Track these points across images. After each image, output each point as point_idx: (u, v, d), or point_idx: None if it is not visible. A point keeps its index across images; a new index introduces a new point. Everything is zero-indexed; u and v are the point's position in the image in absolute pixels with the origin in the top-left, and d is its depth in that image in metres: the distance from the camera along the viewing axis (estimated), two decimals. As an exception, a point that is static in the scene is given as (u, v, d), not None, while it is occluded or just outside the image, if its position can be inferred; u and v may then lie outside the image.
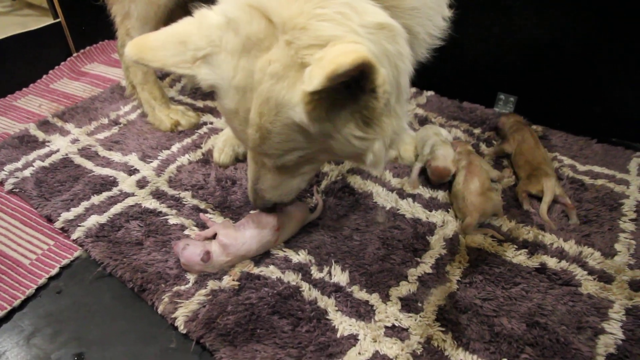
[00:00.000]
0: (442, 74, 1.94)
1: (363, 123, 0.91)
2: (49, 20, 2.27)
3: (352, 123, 0.90)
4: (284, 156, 0.99)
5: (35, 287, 1.23)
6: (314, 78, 0.76)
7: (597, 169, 1.56)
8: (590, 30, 1.59)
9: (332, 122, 0.89)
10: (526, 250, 1.26)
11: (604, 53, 1.61)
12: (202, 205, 1.42)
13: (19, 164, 1.62)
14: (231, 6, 0.90)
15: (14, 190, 1.53)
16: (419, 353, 1.03)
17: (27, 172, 1.58)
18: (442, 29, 1.18)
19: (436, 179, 1.44)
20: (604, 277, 1.19)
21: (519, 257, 1.24)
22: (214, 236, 1.24)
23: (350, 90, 0.84)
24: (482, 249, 1.27)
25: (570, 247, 1.26)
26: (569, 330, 1.07)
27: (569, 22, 1.63)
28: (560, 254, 1.25)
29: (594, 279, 1.18)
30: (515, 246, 1.27)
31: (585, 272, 1.20)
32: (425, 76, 1.94)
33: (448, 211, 1.38)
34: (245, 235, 1.22)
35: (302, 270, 1.21)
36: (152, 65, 0.96)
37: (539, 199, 1.40)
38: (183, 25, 0.96)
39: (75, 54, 2.34)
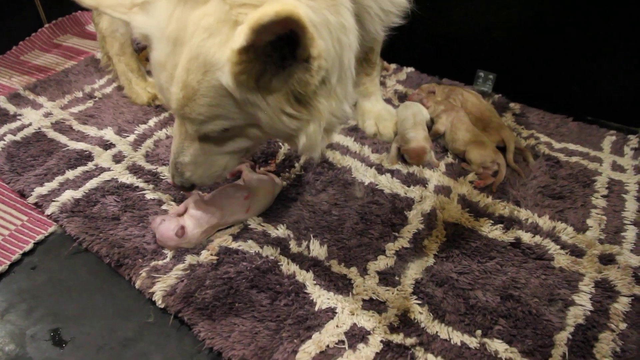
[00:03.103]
0: (423, 51, 1.94)
1: (295, 100, 0.86)
2: (18, -12, 2.18)
3: (282, 97, 0.85)
4: (208, 123, 0.91)
5: (8, 263, 1.21)
6: (241, 34, 0.72)
7: (572, 146, 1.58)
8: (569, 9, 1.60)
9: (261, 92, 0.83)
10: (502, 225, 1.28)
11: (582, 32, 1.62)
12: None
13: (-11, 138, 1.57)
14: None
15: (-16, 165, 1.48)
16: (395, 325, 1.05)
17: (-2, 147, 1.53)
18: (402, 6, 1.11)
19: (415, 160, 1.44)
20: (576, 252, 1.22)
21: (495, 232, 1.26)
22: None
23: (286, 61, 0.79)
24: (459, 224, 1.29)
25: (545, 222, 1.29)
26: (541, 302, 1.10)
27: (549, 0, 1.63)
28: (535, 229, 1.27)
29: (566, 253, 1.21)
30: (491, 221, 1.29)
31: (558, 247, 1.23)
32: (406, 52, 1.96)
33: (426, 186, 1.39)
34: (215, 205, 1.22)
35: (281, 244, 1.21)
36: (85, 2, 0.92)
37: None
38: None
39: (46, 25, 2.25)
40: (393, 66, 1.96)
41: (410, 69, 1.95)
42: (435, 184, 1.40)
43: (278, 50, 0.77)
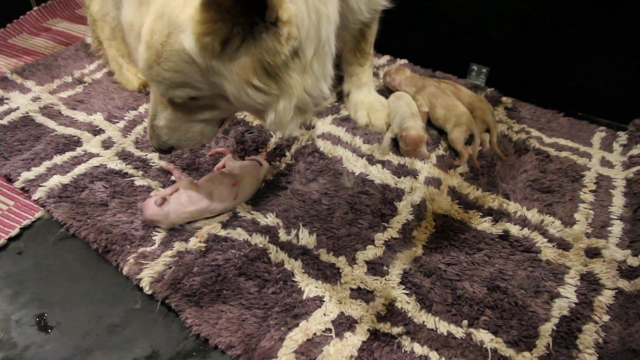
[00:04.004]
0: (416, 43, 1.94)
1: (265, 72, 0.80)
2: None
3: (250, 67, 0.79)
4: (174, 89, 0.88)
5: (-6, 247, 1.20)
6: None
7: (562, 141, 1.59)
8: (563, 4, 1.60)
9: (226, 59, 0.78)
10: (491, 217, 1.29)
11: (576, 28, 1.62)
12: (170, 167, 1.39)
13: (-25, 122, 1.55)
14: None
15: (-31, 148, 1.46)
16: (383, 314, 1.05)
17: (-17, 130, 1.51)
18: None
19: (411, 148, 1.44)
20: (563, 245, 1.23)
21: (484, 224, 1.27)
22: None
23: (256, 27, 0.75)
24: (449, 216, 1.29)
25: (533, 215, 1.30)
26: (527, 294, 1.11)
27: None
28: (523, 222, 1.28)
29: (553, 246, 1.22)
30: (480, 213, 1.30)
31: (546, 240, 1.24)
32: (400, 44, 1.95)
33: (416, 178, 1.39)
34: (204, 190, 1.21)
35: (270, 232, 1.21)
36: None
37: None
38: None
39: (35, 8, 2.21)
40: (387, 57, 1.96)
41: (403, 61, 1.94)
42: (426, 176, 1.40)
43: (247, 14, 0.73)
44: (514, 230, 1.26)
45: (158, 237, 1.19)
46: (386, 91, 1.72)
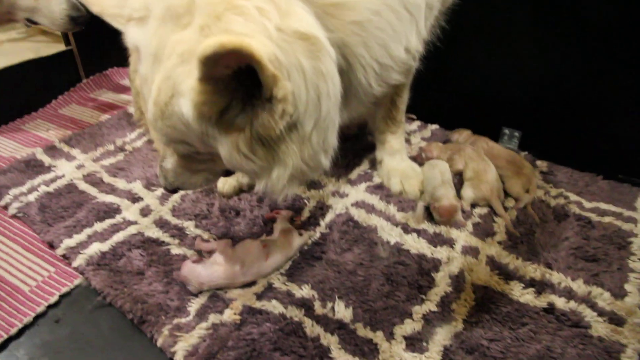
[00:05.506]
0: (447, 108, 1.96)
1: (259, 142, 0.82)
2: (61, 47, 2.31)
3: (244, 137, 0.80)
4: (175, 143, 0.93)
5: (33, 315, 1.21)
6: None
7: (603, 206, 1.54)
8: (594, 64, 1.60)
9: (222, 127, 0.80)
10: (533, 289, 1.23)
11: (609, 88, 1.61)
12: (205, 236, 1.40)
13: (24, 188, 1.62)
14: None
15: (17, 214, 1.52)
16: (423, 395, 1.00)
17: (31, 197, 1.57)
18: (403, 62, 1.03)
19: (445, 219, 1.42)
20: (615, 319, 1.16)
21: (526, 296, 1.22)
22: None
23: (255, 99, 0.77)
24: (489, 287, 1.24)
25: (579, 286, 1.24)
26: (579, 374, 1.04)
27: (573, 56, 1.63)
28: (569, 294, 1.22)
29: (604, 320, 1.15)
30: (522, 284, 1.25)
31: (595, 314, 1.17)
32: (430, 109, 1.98)
33: (453, 247, 1.36)
34: (238, 252, 1.23)
35: (305, 305, 1.19)
36: (92, 8, 0.96)
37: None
38: None
39: (84, 80, 2.37)
40: (417, 123, 1.98)
41: (434, 126, 1.96)
42: (463, 245, 1.37)
43: (245, 86, 0.75)
44: (560, 302, 1.20)
45: (193, 307, 1.19)
46: (418, 158, 1.73)
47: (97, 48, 2.36)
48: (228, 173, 1.18)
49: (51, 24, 1.72)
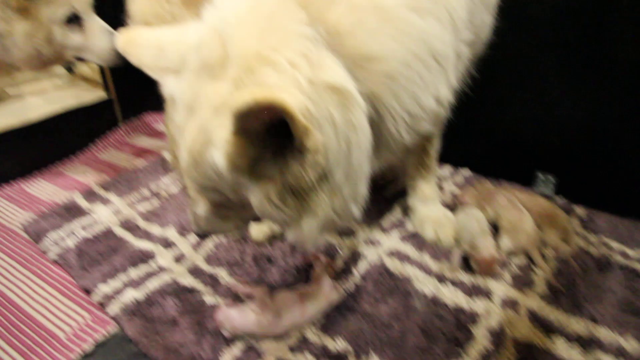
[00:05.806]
0: (479, 152, 1.94)
1: (290, 191, 0.82)
2: (100, 92, 2.42)
3: (275, 187, 0.82)
4: (207, 191, 0.95)
5: (69, 363, 1.22)
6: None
7: (649, 254, 1.48)
8: (630, 104, 1.57)
9: (254, 177, 0.82)
10: (579, 345, 1.17)
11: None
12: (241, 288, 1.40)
13: (63, 233, 1.66)
14: (205, 26, 0.90)
15: (56, 259, 1.56)
16: None
17: (70, 242, 1.61)
18: (433, 111, 1.02)
19: (484, 271, 1.39)
20: (670, 381, 1.09)
21: (573, 354, 1.16)
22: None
23: (286, 150, 0.77)
24: (531, 344, 1.19)
25: (629, 343, 1.17)
26: None
27: (608, 97, 1.61)
28: (618, 351, 1.16)
29: (659, 382, 1.09)
30: (566, 340, 1.19)
31: (649, 375, 1.10)
32: (461, 154, 1.96)
33: (491, 299, 1.32)
34: (275, 303, 1.22)
35: (340, 360, 1.16)
36: (131, 59, 0.99)
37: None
38: (169, 33, 0.99)
39: (122, 125, 2.46)
40: (449, 168, 1.96)
41: (466, 171, 1.94)
42: (502, 297, 1.32)
43: (277, 137, 0.76)
44: (609, 361, 1.14)
45: (225, 359, 1.17)
46: (451, 204, 1.71)
47: (134, 93, 2.45)
48: (258, 219, 1.19)
49: (99, 59, 1.80)
